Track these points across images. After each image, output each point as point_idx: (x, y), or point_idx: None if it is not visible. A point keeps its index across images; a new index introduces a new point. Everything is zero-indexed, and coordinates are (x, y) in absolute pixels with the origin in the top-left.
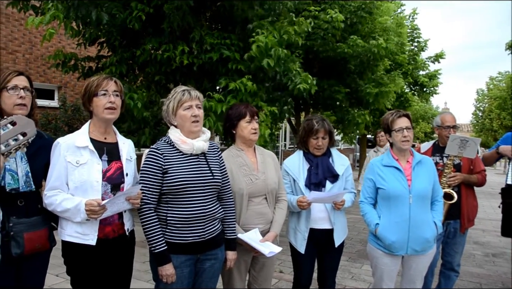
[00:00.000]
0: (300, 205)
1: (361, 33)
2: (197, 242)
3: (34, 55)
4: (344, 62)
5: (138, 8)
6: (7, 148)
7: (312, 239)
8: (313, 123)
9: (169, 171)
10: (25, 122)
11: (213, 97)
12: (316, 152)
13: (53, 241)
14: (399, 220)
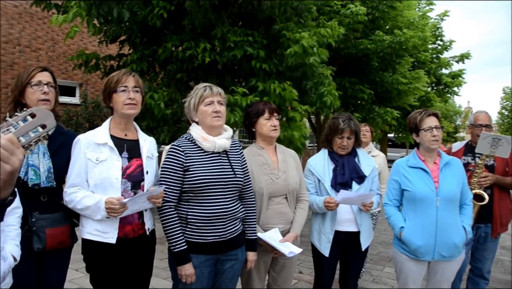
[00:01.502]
0: (328, 206)
1: (384, 29)
2: (218, 242)
3: (57, 53)
4: (366, 59)
5: (159, 5)
6: (27, 140)
7: (337, 241)
8: (339, 122)
9: (190, 168)
10: (45, 114)
11: (237, 92)
12: (341, 151)
13: (74, 237)
14: (426, 224)
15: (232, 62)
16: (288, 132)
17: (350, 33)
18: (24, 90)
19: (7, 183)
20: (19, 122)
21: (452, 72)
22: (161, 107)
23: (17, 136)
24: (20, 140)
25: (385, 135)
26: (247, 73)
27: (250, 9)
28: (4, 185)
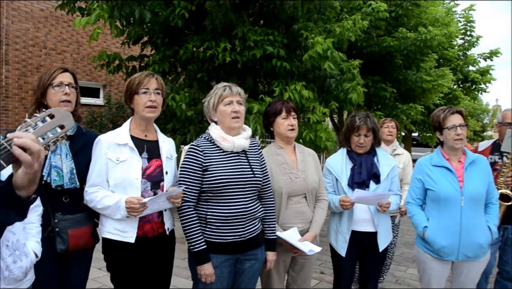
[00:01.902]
0: (343, 205)
1: (407, 26)
2: (237, 241)
3: (81, 55)
4: (389, 57)
5: (180, 5)
6: (46, 140)
7: (354, 241)
8: (355, 119)
9: (209, 168)
10: (63, 115)
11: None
12: (358, 149)
13: (96, 238)
14: (450, 224)
15: (252, 61)
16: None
17: (372, 30)
18: (46, 91)
19: (32, 180)
20: (38, 123)
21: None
22: (183, 109)
23: (36, 137)
24: (39, 141)
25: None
26: (267, 74)
27: (272, 8)
28: (29, 183)
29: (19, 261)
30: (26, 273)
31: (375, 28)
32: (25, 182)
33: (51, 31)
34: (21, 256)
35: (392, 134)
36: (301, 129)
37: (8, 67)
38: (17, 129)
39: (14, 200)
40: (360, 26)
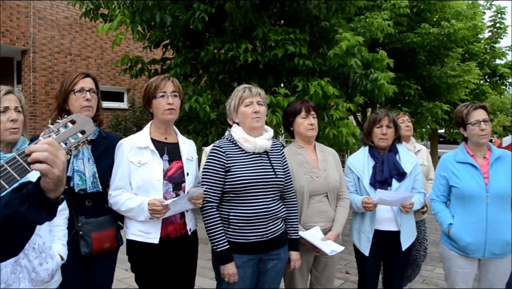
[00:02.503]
0: (366, 206)
1: (430, 21)
2: (260, 241)
3: (105, 60)
4: (412, 53)
5: (200, 8)
6: (67, 145)
7: (377, 240)
8: (376, 112)
9: (232, 169)
10: (84, 120)
11: (279, 92)
12: (381, 142)
13: (120, 240)
14: (475, 220)
15: (274, 61)
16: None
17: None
18: (68, 97)
19: (58, 184)
20: (60, 129)
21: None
22: (207, 111)
23: (58, 142)
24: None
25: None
26: (289, 72)
27: (294, 7)
28: (55, 186)
29: (45, 263)
30: (52, 275)
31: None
32: (51, 186)
33: (76, 38)
34: (47, 258)
35: (410, 128)
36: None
37: (35, 74)
38: (41, 135)
39: (43, 201)
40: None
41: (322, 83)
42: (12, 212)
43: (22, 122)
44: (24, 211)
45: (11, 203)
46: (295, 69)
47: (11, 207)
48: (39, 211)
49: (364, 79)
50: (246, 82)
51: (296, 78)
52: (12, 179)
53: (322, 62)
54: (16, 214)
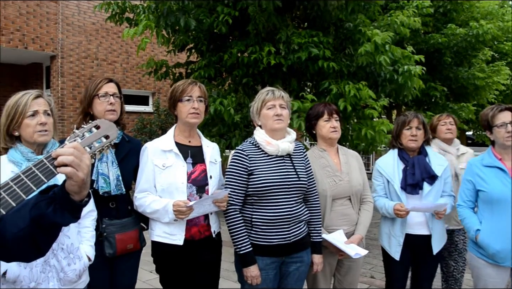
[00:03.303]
0: (398, 214)
1: (457, 21)
2: (283, 244)
3: (130, 64)
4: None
5: (224, 12)
6: (92, 149)
7: (408, 245)
8: (405, 115)
9: (255, 172)
10: (108, 125)
11: (306, 98)
12: (411, 143)
13: (143, 241)
14: (504, 227)
15: (298, 64)
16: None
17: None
18: (92, 101)
19: (82, 187)
20: (85, 134)
21: None
22: (231, 113)
23: (83, 146)
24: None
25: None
26: (313, 75)
27: (316, 10)
28: (80, 189)
29: (73, 264)
30: (80, 276)
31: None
32: (76, 188)
33: (102, 43)
34: (74, 259)
35: (452, 131)
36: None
37: (63, 79)
38: (67, 140)
39: (68, 203)
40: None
41: (360, 86)
42: (38, 213)
43: (52, 125)
44: (49, 212)
45: (38, 204)
46: (319, 72)
47: (38, 209)
48: (64, 213)
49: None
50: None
51: (326, 81)
52: (40, 182)
53: (349, 64)
54: (42, 216)
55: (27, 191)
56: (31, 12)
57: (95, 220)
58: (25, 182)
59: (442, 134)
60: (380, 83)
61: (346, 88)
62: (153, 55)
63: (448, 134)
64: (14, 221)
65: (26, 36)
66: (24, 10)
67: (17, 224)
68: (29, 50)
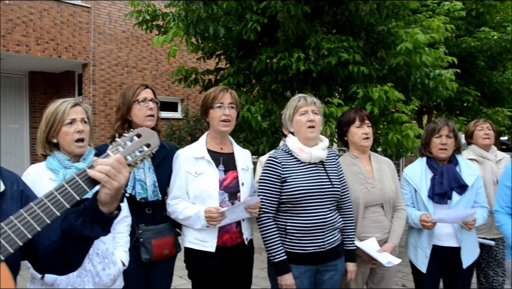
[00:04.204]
0: (424, 224)
1: (490, 24)
2: (317, 252)
3: (160, 71)
4: (471, 58)
5: (253, 19)
6: (133, 158)
7: (436, 257)
8: (435, 122)
9: (288, 180)
10: (149, 134)
11: (333, 103)
12: (441, 153)
13: (178, 247)
14: None
15: (327, 69)
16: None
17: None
18: (131, 107)
19: (114, 198)
20: (126, 143)
21: None
22: (258, 120)
23: (125, 155)
24: (127, 159)
25: (497, 138)
26: (343, 80)
27: (347, 15)
28: (111, 199)
29: (107, 269)
30: (114, 281)
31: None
32: (108, 198)
33: (132, 51)
34: (109, 264)
35: (490, 137)
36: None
37: (94, 86)
38: (108, 149)
39: (97, 215)
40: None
41: (386, 88)
42: (68, 226)
43: (89, 133)
44: (79, 225)
45: (68, 217)
46: (349, 76)
47: (67, 222)
48: (93, 225)
49: (425, 79)
50: (298, 91)
51: (354, 85)
52: (72, 199)
53: (379, 68)
54: (72, 228)
55: (60, 207)
56: (65, 22)
57: (129, 225)
58: (57, 198)
59: (480, 141)
60: (410, 88)
61: (374, 91)
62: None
63: (486, 140)
64: (46, 233)
65: (59, 45)
66: (59, 20)
67: (49, 236)
68: (63, 59)
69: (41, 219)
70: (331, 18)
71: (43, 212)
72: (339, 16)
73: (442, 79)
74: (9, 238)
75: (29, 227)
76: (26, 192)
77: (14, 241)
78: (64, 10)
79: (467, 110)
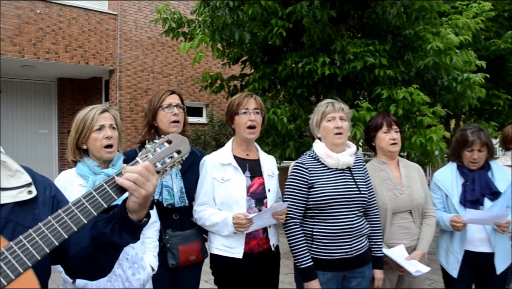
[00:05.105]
0: (454, 225)
1: None
2: (344, 258)
3: (185, 77)
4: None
5: (278, 24)
6: (163, 165)
7: (468, 262)
8: (467, 134)
9: (315, 185)
10: (180, 140)
11: (362, 106)
12: (471, 165)
13: (205, 253)
14: None
15: (353, 74)
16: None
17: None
18: (156, 113)
19: (142, 206)
20: (156, 149)
21: None
22: (284, 122)
23: (154, 162)
24: (156, 166)
25: None
26: (369, 84)
27: (373, 18)
28: (140, 207)
29: (137, 274)
30: (144, 285)
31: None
32: (136, 206)
33: (158, 57)
34: (139, 269)
35: None
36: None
37: (121, 92)
38: (138, 155)
39: (126, 222)
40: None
41: (411, 90)
42: (97, 233)
43: (117, 138)
44: (107, 232)
45: (97, 224)
46: (375, 80)
47: (97, 228)
48: (122, 232)
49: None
50: (324, 95)
51: (378, 87)
52: (99, 206)
53: (405, 71)
54: (101, 235)
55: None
56: (92, 30)
57: (158, 230)
58: (85, 206)
59: None
60: (437, 92)
61: (399, 93)
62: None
63: None
64: (77, 239)
65: (87, 52)
66: (86, 27)
67: (79, 242)
68: (90, 65)
69: (68, 226)
70: (357, 22)
71: (71, 219)
72: (366, 19)
73: (471, 83)
74: (37, 244)
75: (57, 234)
76: (58, 197)
77: (42, 248)
78: (92, 18)
79: (497, 114)
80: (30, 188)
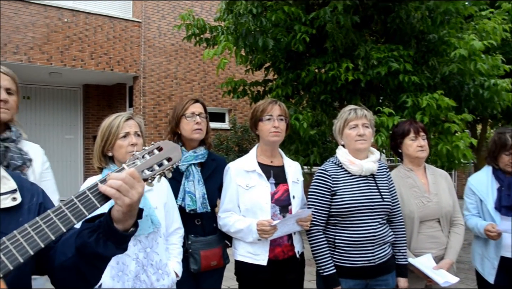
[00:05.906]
0: (488, 234)
1: None
2: (367, 266)
3: (208, 83)
4: None
5: (301, 30)
6: (152, 172)
7: (505, 268)
8: (506, 137)
9: (338, 192)
10: (171, 147)
11: (383, 112)
12: (509, 168)
13: (226, 259)
14: None
15: (377, 79)
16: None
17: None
18: (180, 121)
19: (127, 214)
20: (145, 156)
21: None
22: (305, 127)
23: (142, 169)
24: (144, 173)
25: None
26: (393, 90)
27: (397, 23)
28: (124, 216)
29: (161, 280)
30: None
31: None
32: (120, 215)
33: (181, 63)
34: (163, 275)
35: None
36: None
37: (145, 98)
38: (126, 162)
39: (111, 232)
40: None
41: (436, 96)
42: (81, 242)
43: (141, 145)
44: (92, 242)
45: (82, 233)
46: (399, 86)
47: (81, 238)
48: (107, 242)
49: (479, 89)
50: (347, 101)
51: (404, 94)
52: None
53: (430, 76)
54: (85, 245)
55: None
56: (117, 37)
57: (182, 237)
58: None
59: None
60: (463, 98)
61: (423, 100)
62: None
63: None
64: (63, 248)
65: (112, 59)
66: (111, 35)
67: (65, 252)
68: (115, 72)
69: (45, 234)
70: (380, 27)
71: (49, 227)
72: (389, 24)
73: (498, 89)
74: (10, 254)
75: (32, 242)
76: (46, 205)
77: (15, 257)
78: (117, 26)
79: None
80: (15, 194)
